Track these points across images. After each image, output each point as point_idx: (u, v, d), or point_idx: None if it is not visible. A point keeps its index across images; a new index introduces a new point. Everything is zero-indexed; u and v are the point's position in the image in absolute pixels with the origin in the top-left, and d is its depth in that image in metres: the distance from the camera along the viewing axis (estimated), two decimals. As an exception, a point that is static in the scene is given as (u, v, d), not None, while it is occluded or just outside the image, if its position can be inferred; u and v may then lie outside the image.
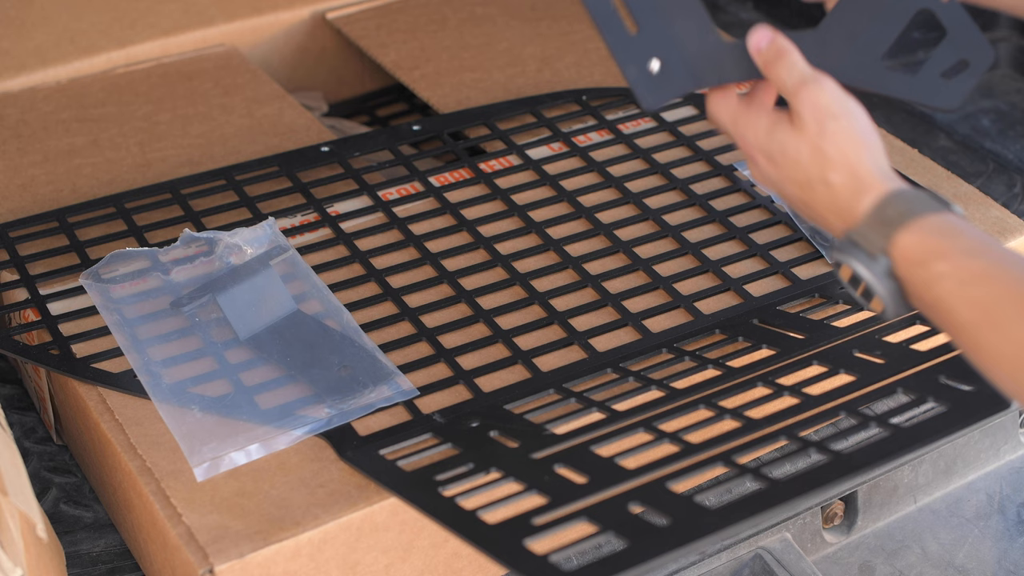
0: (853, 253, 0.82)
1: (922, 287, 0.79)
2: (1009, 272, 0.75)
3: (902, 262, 0.80)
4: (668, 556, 0.80)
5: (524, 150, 1.38)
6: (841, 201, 0.84)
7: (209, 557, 0.94)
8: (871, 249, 0.81)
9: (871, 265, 0.81)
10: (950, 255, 0.78)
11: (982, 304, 0.75)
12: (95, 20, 1.60)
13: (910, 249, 0.79)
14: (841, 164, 0.84)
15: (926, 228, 0.79)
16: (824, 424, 1.00)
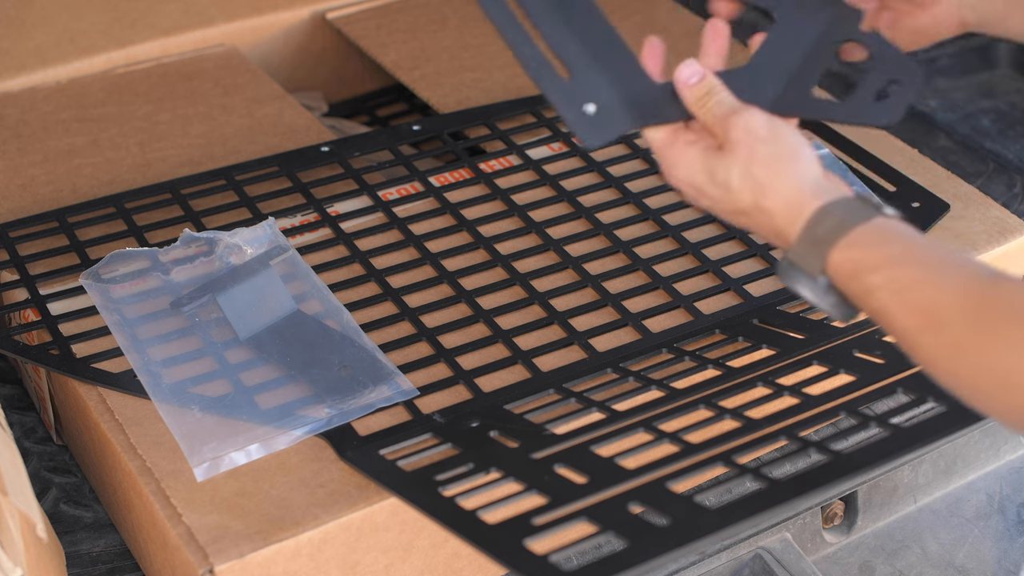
0: (794, 276, 0.84)
1: (861, 298, 0.81)
2: (942, 277, 0.77)
3: (838, 278, 0.82)
4: (668, 556, 0.80)
5: (524, 150, 1.38)
6: (778, 225, 0.85)
7: (209, 557, 0.94)
8: (809, 270, 0.83)
9: (812, 285, 0.83)
10: (881, 266, 0.79)
11: (918, 311, 0.76)
12: (95, 20, 1.60)
13: (843, 265, 0.81)
14: (772, 189, 0.85)
15: (856, 242, 0.81)
16: (824, 424, 1.00)
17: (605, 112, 0.89)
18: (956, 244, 1.26)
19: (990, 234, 1.28)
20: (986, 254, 1.26)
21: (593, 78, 0.89)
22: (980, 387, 0.74)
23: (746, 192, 0.85)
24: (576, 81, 0.89)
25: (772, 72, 0.92)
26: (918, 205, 1.30)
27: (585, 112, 0.88)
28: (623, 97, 0.89)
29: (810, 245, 0.82)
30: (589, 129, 0.88)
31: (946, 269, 0.77)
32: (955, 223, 1.29)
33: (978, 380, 0.74)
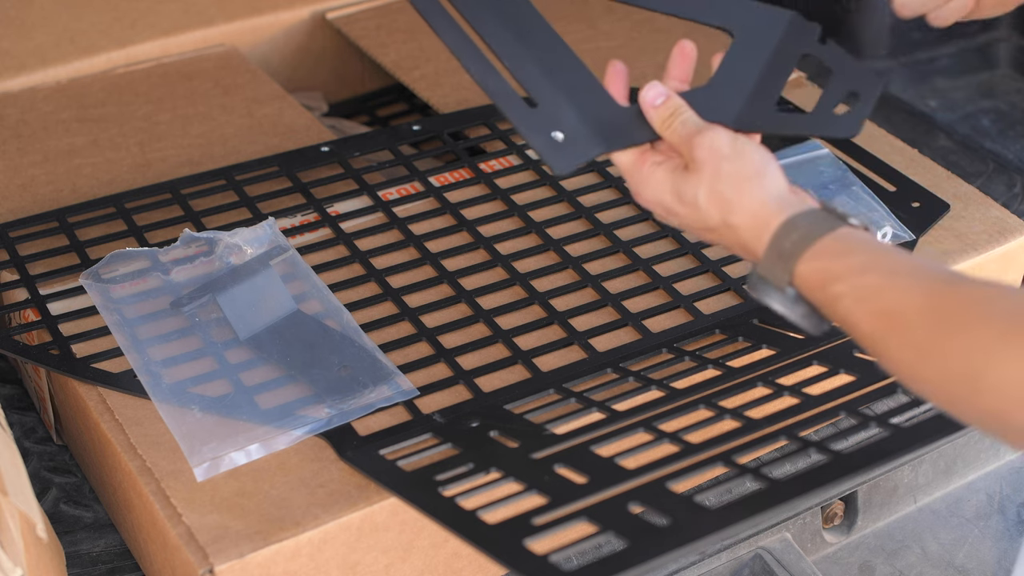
0: (763, 289, 0.85)
1: (828, 308, 0.82)
2: (904, 282, 0.78)
3: (805, 289, 0.83)
4: (668, 556, 0.80)
5: (524, 150, 1.38)
6: (745, 240, 0.86)
7: (209, 557, 0.94)
8: (778, 283, 0.84)
9: (780, 298, 0.84)
10: (845, 275, 0.80)
11: (881, 317, 0.77)
12: (95, 20, 1.60)
13: (809, 276, 0.82)
14: (738, 205, 0.86)
15: (821, 252, 0.82)
16: (824, 424, 1.00)
17: (572, 139, 0.90)
18: (956, 244, 1.26)
19: (990, 234, 1.28)
20: (986, 254, 1.26)
21: (559, 106, 0.91)
22: (946, 390, 0.74)
23: (713, 210, 0.87)
24: (542, 110, 0.91)
25: (733, 89, 0.93)
26: (918, 205, 1.30)
27: (553, 139, 0.90)
28: (589, 123, 0.91)
29: (776, 258, 0.84)
30: (558, 156, 0.90)
31: (908, 274, 0.78)
32: (955, 223, 1.29)
33: (943, 383, 0.74)
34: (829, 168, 1.33)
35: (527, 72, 0.91)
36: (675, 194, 0.89)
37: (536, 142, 0.90)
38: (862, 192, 1.29)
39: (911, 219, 1.27)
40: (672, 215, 0.90)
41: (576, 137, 0.90)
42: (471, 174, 1.35)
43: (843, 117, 0.94)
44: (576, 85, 0.91)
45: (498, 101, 0.89)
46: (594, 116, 0.90)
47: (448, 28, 0.90)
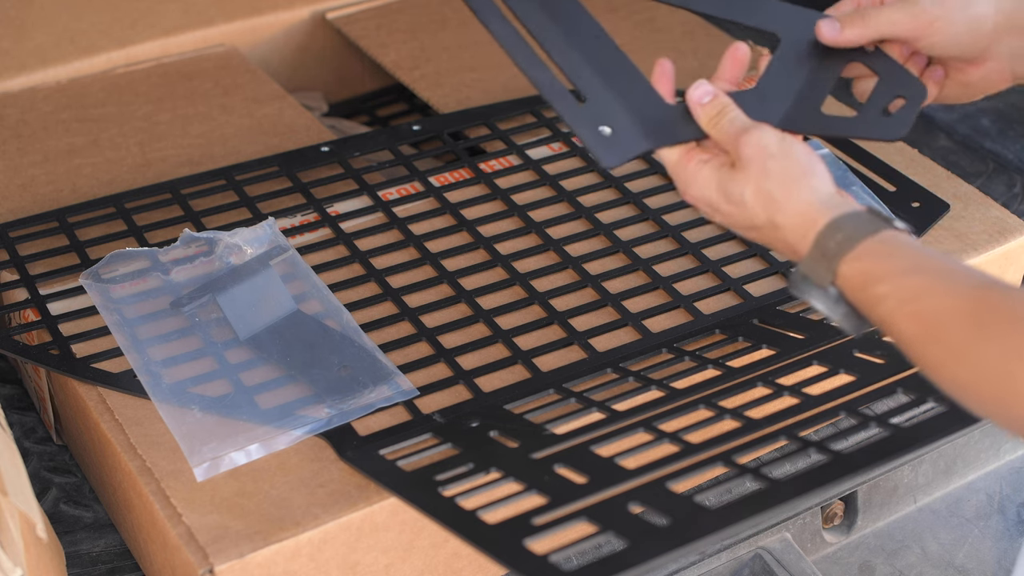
0: (806, 288, 0.85)
1: (869, 309, 0.82)
2: (945, 286, 0.78)
3: (848, 289, 0.83)
4: (668, 556, 0.80)
5: (524, 150, 1.38)
6: (790, 240, 0.86)
7: (209, 557, 0.94)
8: (820, 282, 0.84)
9: (823, 297, 0.84)
10: (888, 276, 0.80)
11: (922, 319, 0.77)
12: (95, 20, 1.60)
13: (852, 277, 0.82)
14: (784, 204, 0.86)
15: (864, 254, 0.82)
16: (824, 424, 1.00)
17: (620, 134, 0.92)
18: (956, 244, 1.26)
19: (990, 234, 1.28)
20: (986, 254, 1.26)
21: (607, 101, 0.92)
22: (983, 394, 0.75)
23: (759, 208, 0.87)
24: (591, 105, 0.92)
25: (780, 91, 0.95)
26: (918, 205, 1.30)
27: (601, 134, 0.91)
28: (637, 119, 0.92)
29: (820, 257, 0.84)
30: (606, 150, 0.91)
31: (949, 278, 0.78)
32: (955, 223, 1.29)
33: (980, 387, 0.74)
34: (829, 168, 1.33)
35: (576, 67, 0.92)
36: (721, 191, 0.89)
37: (585, 136, 0.91)
38: (862, 192, 1.29)
39: (911, 219, 1.27)
40: (717, 212, 0.90)
41: (624, 132, 0.92)
42: (471, 174, 1.35)
43: (889, 120, 0.94)
44: (624, 81, 0.92)
45: (547, 95, 0.90)
46: (642, 112, 0.91)
47: (498, 23, 0.91)
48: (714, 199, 0.90)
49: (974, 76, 0.98)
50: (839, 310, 0.84)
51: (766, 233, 0.88)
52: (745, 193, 0.88)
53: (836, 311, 0.84)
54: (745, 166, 0.88)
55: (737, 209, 0.89)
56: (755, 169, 0.87)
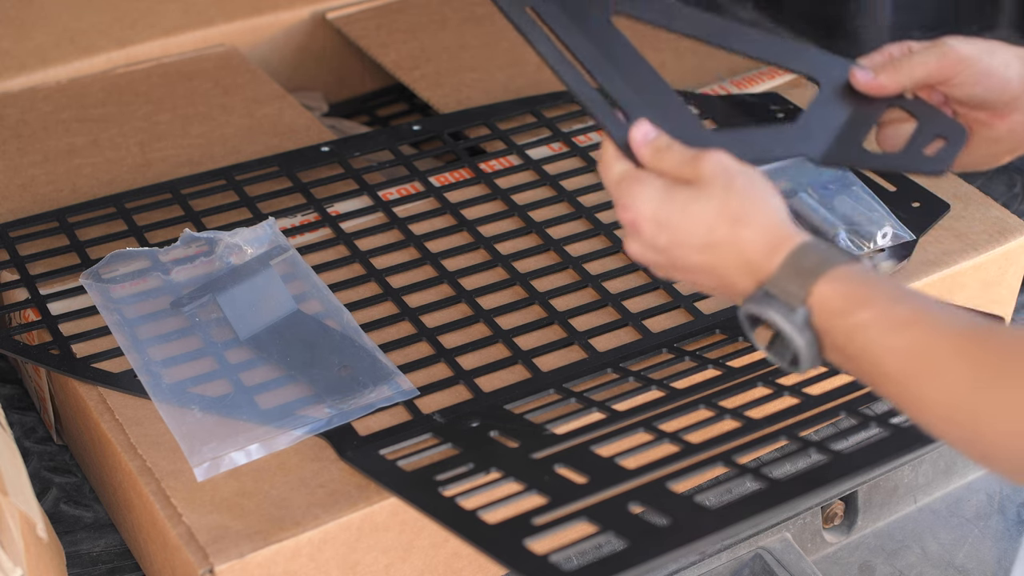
0: (770, 305, 0.80)
1: (843, 337, 0.78)
2: (934, 317, 0.74)
3: (821, 312, 0.79)
4: (668, 556, 0.80)
5: (524, 150, 1.38)
6: (752, 256, 0.82)
7: (209, 557, 0.94)
8: (789, 300, 0.79)
9: (790, 316, 0.79)
10: (873, 302, 0.76)
11: (909, 352, 0.74)
12: (95, 20, 1.60)
13: (829, 299, 0.78)
14: (752, 219, 0.82)
15: (844, 277, 0.78)
16: (824, 424, 1.00)
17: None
18: (956, 244, 1.26)
19: (990, 234, 1.28)
20: (986, 254, 1.26)
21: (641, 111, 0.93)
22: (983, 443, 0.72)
23: (720, 223, 0.82)
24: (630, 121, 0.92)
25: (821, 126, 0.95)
26: (918, 205, 1.30)
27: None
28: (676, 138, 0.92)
29: (795, 275, 0.79)
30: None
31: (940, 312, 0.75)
32: (955, 223, 1.29)
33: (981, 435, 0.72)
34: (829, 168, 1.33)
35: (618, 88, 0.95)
36: (680, 205, 0.84)
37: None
38: (862, 192, 1.29)
39: (911, 219, 1.27)
40: (663, 230, 0.84)
41: None
42: (471, 174, 1.35)
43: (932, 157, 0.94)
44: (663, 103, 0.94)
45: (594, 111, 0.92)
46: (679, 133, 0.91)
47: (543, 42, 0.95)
48: (664, 214, 0.84)
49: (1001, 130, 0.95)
50: (804, 336, 0.79)
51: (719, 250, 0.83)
52: (707, 207, 0.83)
53: (800, 335, 0.79)
54: (708, 182, 0.83)
55: (688, 223, 0.83)
56: (719, 184, 0.83)
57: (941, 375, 0.73)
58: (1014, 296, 1.32)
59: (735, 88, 1.48)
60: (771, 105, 1.43)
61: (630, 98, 0.94)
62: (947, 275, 1.23)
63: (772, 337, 0.81)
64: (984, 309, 1.27)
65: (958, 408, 0.72)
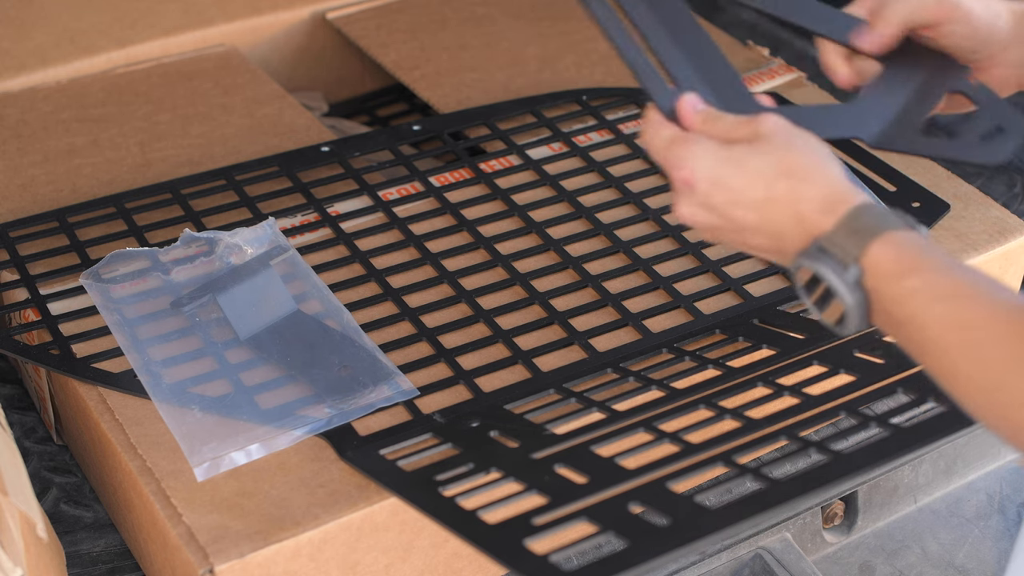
0: (823, 260, 0.80)
1: (892, 302, 0.77)
2: (984, 293, 0.74)
3: (874, 273, 0.78)
4: (668, 556, 0.80)
5: (524, 150, 1.38)
6: (809, 212, 0.81)
7: (209, 557, 0.95)
8: (843, 258, 0.79)
9: (842, 274, 0.79)
10: (924, 270, 0.76)
11: (955, 323, 0.73)
12: (95, 20, 1.60)
13: (884, 261, 0.78)
14: (814, 174, 0.82)
15: (899, 241, 0.78)
16: (824, 424, 1.00)
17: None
18: (956, 244, 1.26)
19: (990, 234, 1.28)
20: (986, 254, 1.26)
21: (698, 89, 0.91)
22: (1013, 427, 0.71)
23: (780, 178, 0.81)
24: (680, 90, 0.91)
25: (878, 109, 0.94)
26: (918, 205, 1.30)
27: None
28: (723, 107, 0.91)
29: (852, 232, 0.79)
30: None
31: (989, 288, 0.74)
32: (955, 223, 1.29)
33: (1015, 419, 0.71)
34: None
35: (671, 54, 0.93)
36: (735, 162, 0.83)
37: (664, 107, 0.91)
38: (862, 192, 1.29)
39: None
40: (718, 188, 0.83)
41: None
42: (471, 174, 1.35)
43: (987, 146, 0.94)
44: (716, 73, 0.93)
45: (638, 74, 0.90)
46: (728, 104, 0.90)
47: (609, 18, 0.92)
48: (718, 170, 0.83)
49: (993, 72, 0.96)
50: (854, 295, 0.79)
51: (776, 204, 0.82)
52: (767, 162, 0.82)
53: (851, 294, 0.79)
54: (767, 139, 0.83)
55: (746, 180, 0.82)
56: (779, 141, 0.82)
57: (982, 351, 0.72)
58: (1014, 296, 1.32)
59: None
60: (771, 105, 1.43)
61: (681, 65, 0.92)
62: (947, 275, 1.23)
63: (822, 294, 0.80)
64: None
65: (997, 388, 0.72)
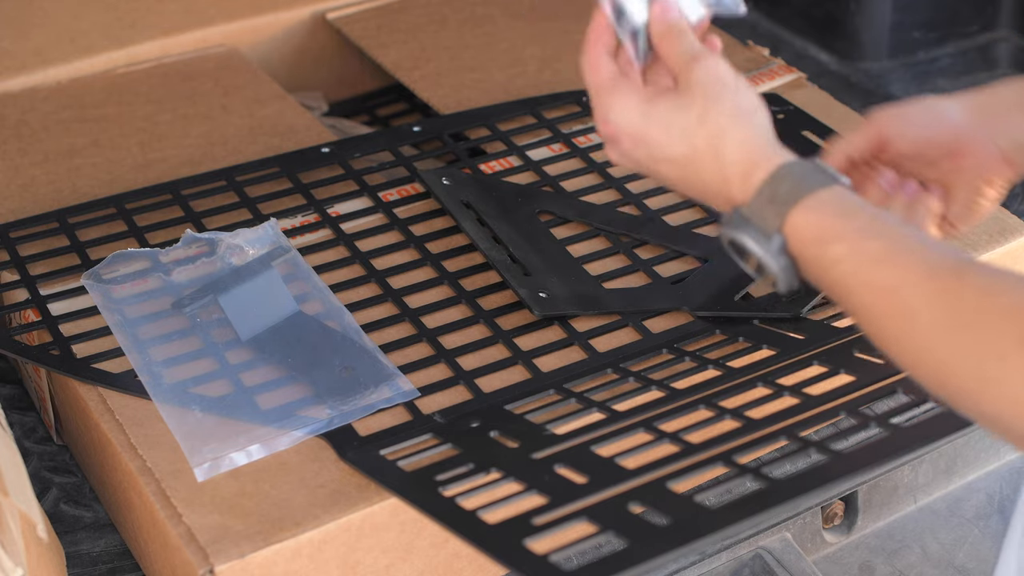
0: (745, 230, 0.79)
1: (819, 269, 0.77)
2: (909, 254, 0.73)
3: (796, 241, 0.78)
4: (668, 556, 0.80)
5: (524, 151, 1.39)
6: (732, 176, 0.80)
7: (209, 557, 0.95)
8: (764, 227, 0.79)
9: (764, 243, 0.79)
10: (846, 235, 0.75)
11: (883, 289, 0.73)
12: (95, 20, 1.60)
13: (804, 228, 0.77)
14: (732, 136, 0.81)
15: (819, 205, 0.77)
16: (824, 424, 1.00)
17: (553, 297, 1.17)
18: (956, 244, 1.26)
19: (990, 234, 1.28)
20: (986, 254, 1.26)
21: (546, 276, 1.18)
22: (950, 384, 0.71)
23: (700, 136, 0.81)
24: (534, 277, 1.17)
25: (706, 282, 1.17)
26: (918, 205, 1.30)
27: (540, 296, 1.16)
28: (567, 290, 1.17)
29: (770, 202, 0.78)
30: (541, 306, 1.15)
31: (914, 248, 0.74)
32: (955, 223, 1.29)
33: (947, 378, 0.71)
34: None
35: (525, 251, 1.21)
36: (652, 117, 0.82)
37: (527, 297, 1.16)
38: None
39: (911, 219, 1.27)
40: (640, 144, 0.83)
41: (556, 297, 1.17)
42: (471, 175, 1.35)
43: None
44: (561, 264, 1.20)
45: (500, 268, 1.19)
46: (572, 287, 1.15)
47: (469, 221, 1.24)
48: (639, 126, 0.83)
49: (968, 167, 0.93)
50: (779, 261, 0.78)
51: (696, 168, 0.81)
52: (688, 118, 0.81)
53: (776, 262, 0.79)
54: (693, 90, 0.82)
55: (667, 137, 0.82)
56: (707, 93, 0.81)
57: (910, 314, 0.72)
58: (1014, 296, 1.32)
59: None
60: (771, 106, 1.43)
61: (533, 260, 1.18)
62: (947, 275, 1.23)
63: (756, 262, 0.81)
64: (984, 309, 1.27)
65: (926, 349, 0.71)
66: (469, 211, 1.26)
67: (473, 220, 1.25)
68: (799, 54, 1.84)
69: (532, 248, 1.22)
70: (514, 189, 1.31)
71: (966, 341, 0.70)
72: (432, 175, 1.31)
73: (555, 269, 1.20)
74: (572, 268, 1.21)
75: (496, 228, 1.24)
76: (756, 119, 0.82)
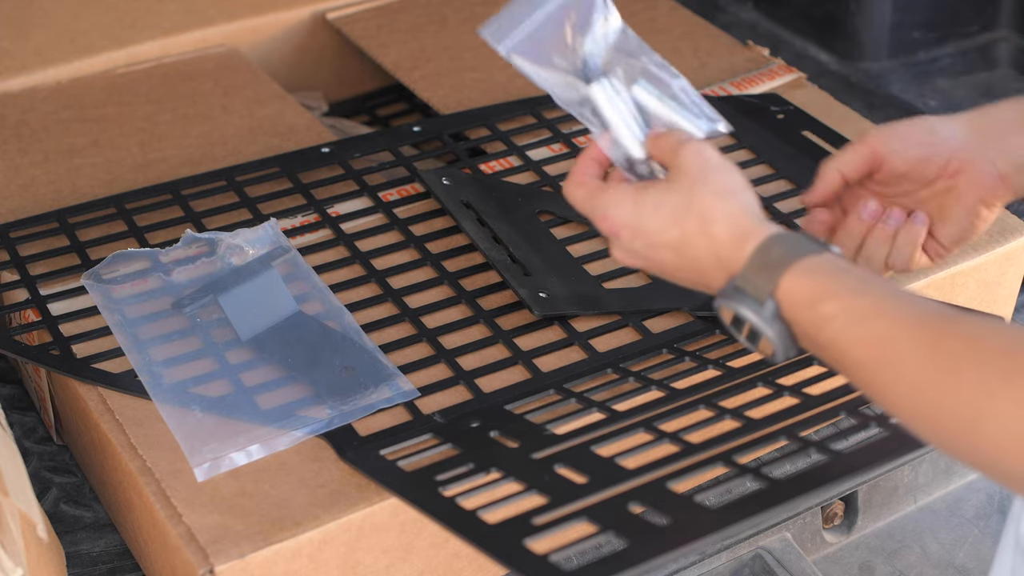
0: (739, 299, 0.82)
1: (812, 329, 0.79)
2: (897, 308, 0.75)
3: (789, 305, 0.80)
4: (668, 556, 0.80)
5: (525, 151, 1.39)
6: (723, 251, 0.83)
7: (209, 557, 0.95)
8: (757, 294, 0.81)
9: (758, 310, 0.81)
10: (837, 295, 0.78)
11: (873, 342, 0.75)
12: (95, 20, 1.60)
13: (796, 291, 0.79)
14: (720, 214, 0.83)
15: (810, 269, 0.79)
16: (824, 424, 1.00)
17: (553, 297, 1.17)
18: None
19: (990, 234, 1.28)
20: (986, 254, 1.26)
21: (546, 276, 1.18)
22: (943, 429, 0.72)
23: (691, 217, 0.84)
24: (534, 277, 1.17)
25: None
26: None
27: (540, 296, 1.16)
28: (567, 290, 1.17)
29: (760, 268, 0.81)
30: (541, 306, 1.16)
31: (902, 302, 0.76)
32: (955, 223, 1.29)
33: (939, 422, 0.72)
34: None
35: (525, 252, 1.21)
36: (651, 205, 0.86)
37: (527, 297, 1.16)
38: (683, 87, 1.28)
39: (911, 219, 1.27)
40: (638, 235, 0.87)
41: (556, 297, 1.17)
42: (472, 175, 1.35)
43: None
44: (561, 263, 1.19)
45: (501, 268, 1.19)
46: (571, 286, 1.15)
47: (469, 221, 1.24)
48: (633, 214, 0.86)
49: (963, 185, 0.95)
50: (774, 327, 0.81)
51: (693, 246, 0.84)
52: (678, 203, 0.84)
53: (770, 327, 0.81)
54: (681, 176, 0.85)
55: (660, 221, 0.85)
56: (694, 177, 0.85)
57: (903, 363, 0.73)
58: (1014, 296, 1.32)
59: (735, 89, 1.48)
60: (771, 106, 1.43)
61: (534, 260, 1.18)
62: (947, 275, 1.23)
63: (749, 331, 0.83)
64: (984, 309, 1.27)
65: (921, 395, 0.73)
66: (469, 211, 1.26)
67: (473, 220, 1.25)
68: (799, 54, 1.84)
69: (532, 248, 1.22)
70: (514, 189, 1.31)
71: (956, 383, 0.71)
72: (432, 175, 1.31)
73: (555, 269, 1.20)
74: (572, 268, 1.21)
75: (496, 228, 1.24)
76: (743, 198, 0.85)
